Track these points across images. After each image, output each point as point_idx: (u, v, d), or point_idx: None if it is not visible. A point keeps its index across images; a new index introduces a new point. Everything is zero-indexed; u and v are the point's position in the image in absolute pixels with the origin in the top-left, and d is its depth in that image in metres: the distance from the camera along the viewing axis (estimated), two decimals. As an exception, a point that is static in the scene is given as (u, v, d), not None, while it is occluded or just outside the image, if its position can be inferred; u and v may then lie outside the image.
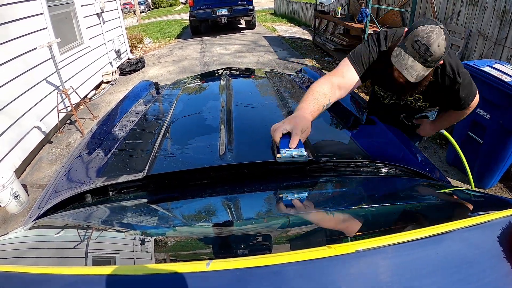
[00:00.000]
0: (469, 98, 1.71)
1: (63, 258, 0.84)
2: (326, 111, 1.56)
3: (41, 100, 4.72)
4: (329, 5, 10.68)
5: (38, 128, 4.54)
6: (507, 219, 0.72)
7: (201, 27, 13.23)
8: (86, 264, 0.77)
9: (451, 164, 3.58)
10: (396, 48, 1.47)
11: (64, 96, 5.02)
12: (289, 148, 1.15)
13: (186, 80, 2.68)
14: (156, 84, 2.76)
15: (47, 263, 0.79)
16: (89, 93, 6.53)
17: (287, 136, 1.19)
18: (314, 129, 1.39)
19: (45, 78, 4.88)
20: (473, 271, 0.59)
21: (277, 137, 1.20)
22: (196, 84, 2.47)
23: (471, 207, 1.07)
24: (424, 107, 1.86)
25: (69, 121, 5.45)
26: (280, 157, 1.14)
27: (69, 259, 0.83)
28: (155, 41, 12.88)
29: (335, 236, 0.87)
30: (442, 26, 1.42)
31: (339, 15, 8.60)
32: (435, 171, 1.46)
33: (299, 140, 1.18)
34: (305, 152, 1.15)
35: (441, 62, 1.53)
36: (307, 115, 1.33)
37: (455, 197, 1.15)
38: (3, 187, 3.24)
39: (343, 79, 1.59)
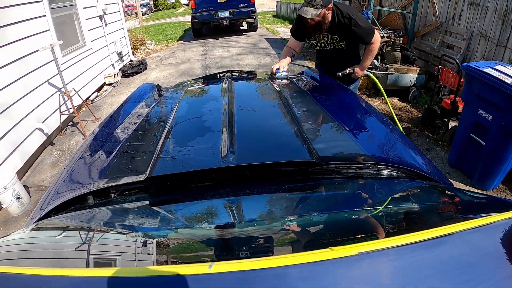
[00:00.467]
0: (369, 33, 2.70)
1: (64, 260, 0.84)
2: (328, 114, 1.72)
3: (43, 102, 4.74)
4: (330, 7, 10.69)
5: (40, 130, 4.55)
6: (509, 221, 0.72)
7: (203, 29, 13.26)
8: (88, 266, 0.77)
9: (454, 166, 3.58)
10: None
11: (66, 98, 5.04)
12: (279, 73, 2.66)
13: (188, 82, 2.68)
14: (158, 86, 2.77)
15: (48, 265, 0.79)
16: (91, 95, 6.55)
17: (278, 70, 2.69)
18: (316, 131, 1.41)
19: (47, 80, 4.90)
20: (476, 273, 0.59)
21: (274, 69, 2.72)
22: (198, 86, 2.48)
23: (473, 209, 1.07)
24: (344, 45, 2.85)
25: (71, 123, 5.47)
26: (276, 75, 2.63)
27: (71, 260, 0.83)
28: (157, 43, 12.91)
29: (338, 239, 0.87)
30: None
31: (340, 17, 8.58)
32: (437, 173, 1.46)
33: (284, 70, 2.70)
34: (286, 73, 2.70)
35: (330, 6, 2.56)
36: (285, 63, 2.83)
37: (457, 199, 1.15)
38: (5, 188, 3.25)
39: (291, 44, 3.10)
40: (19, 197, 3.40)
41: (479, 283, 0.57)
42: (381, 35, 6.05)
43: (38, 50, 4.55)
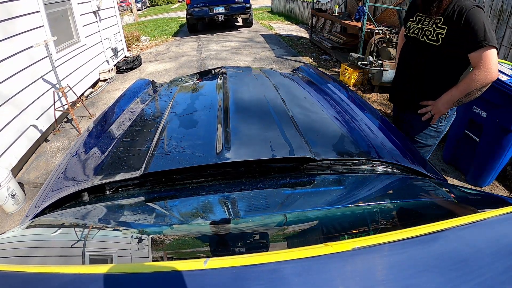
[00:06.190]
0: (480, 36, 1.72)
1: (60, 257, 0.84)
2: (323, 110, 1.73)
3: (37, 99, 4.70)
4: (326, 3, 10.70)
5: (35, 126, 4.52)
6: (503, 217, 0.72)
7: (198, 25, 13.21)
8: (83, 263, 0.77)
9: (448, 162, 3.60)
10: None
11: (60, 95, 5.00)
12: None
13: (183, 78, 2.68)
14: (153, 82, 2.76)
15: (44, 262, 0.79)
16: (85, 91, 6.50)
17: None
18: (311, 127, 1.42)
19: (42, 77, 4.85)
20: (469, 269, 0.60)
21: None
22: (193, 82, 2.47)
23: (467, 205, 1.08)
24: (441, 38, 1.88)
25: (65, 120, 5.44)
26: None
27: (67, 257, 0.83)
28: (152, 39, 12.83)
29: (332, 234, 0.88)
30: None
31: (336, 13, 8.61)
32: (432, 169, 1.47)
33: None
34: None
35: None
36: None
37: (451, 195, 1.16)
38: (0, 186, 3.23)
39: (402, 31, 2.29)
40: (14, 195, 3.38)
41: (472, 279, 0.57)
42: (377, 31, 6.06)
43: (32, 47, 4.50)
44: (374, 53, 5.73)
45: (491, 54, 1.75)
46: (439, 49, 1.89)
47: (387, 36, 5.71)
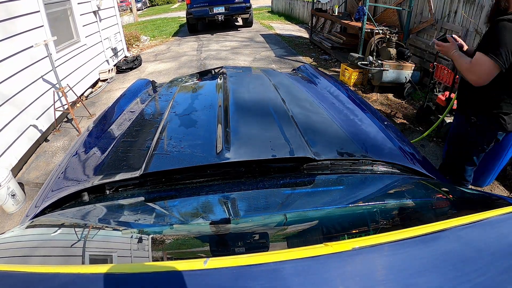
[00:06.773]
0: (493, 44, 1.82)
1: (60, 257, 0.84)
2: (323, 110, 1.73)
3: (37, 99, 4.70)
4: (326, 3, 10.71)
5: (35, 126, 4.52)
6: (502, 217, 0.72)
7: (198, 25, 13.21)
8: (83, 263, 0.77)
9: (448, 162, 3.59)
10: None
11: (60, 94, 5.00)
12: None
13: (183, 78, 2.67)
14: (153, 82, 2.76)
15: (44, 262, 0.79)
16: (85, 91, 6.50)
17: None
18: (310, 127, 1.42)
19: (42, 76, 4.85)
20: (469, 269, 0.60)
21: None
22: (192, 82, 2.47)
23: (467, 205, 1.08)
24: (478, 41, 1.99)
25: (65, 119, 5.44)
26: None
27: (66, 257, 0.83)
28: (152, 39, 12.83)
29: (332, 234, 0.88)
30: None
31: (336, 13, 8.61)
32: (432, 169, 1.47)
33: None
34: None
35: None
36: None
37: (451, 195, 1.16)
38: (0, 186, 3.23)
39: None
40: (14, 195, 3.38)
41: (472, 279, 0.57)
42: (377, 31, 6.06)
43: (32, 46, 4.50)
44: (374, 53, 5.73)
45: (485, 63, 1.86)
46: (473, 53, 1.99)
47: (387, 36, 5.71)
